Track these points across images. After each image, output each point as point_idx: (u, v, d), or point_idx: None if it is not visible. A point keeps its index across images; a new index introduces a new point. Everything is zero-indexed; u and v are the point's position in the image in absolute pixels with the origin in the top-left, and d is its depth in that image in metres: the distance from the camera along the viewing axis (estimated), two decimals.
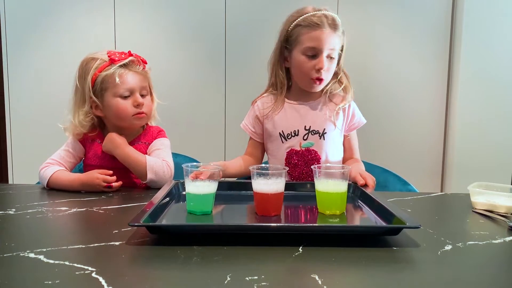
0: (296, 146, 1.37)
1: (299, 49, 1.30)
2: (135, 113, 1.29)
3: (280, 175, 0.93)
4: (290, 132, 1.37)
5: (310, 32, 1.28)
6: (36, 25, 2.75)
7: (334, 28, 1.28)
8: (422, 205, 1.10)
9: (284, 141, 1.38)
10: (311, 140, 1.37)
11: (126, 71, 1.27)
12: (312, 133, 1.37)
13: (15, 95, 2.79)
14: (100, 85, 1.26)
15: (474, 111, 2.68)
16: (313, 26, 1.27)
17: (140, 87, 1.29)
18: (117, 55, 1.27)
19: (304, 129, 1.37)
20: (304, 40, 1.29)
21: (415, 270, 0.69)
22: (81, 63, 1.30)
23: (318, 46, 1.27)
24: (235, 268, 0.67)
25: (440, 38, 2.70)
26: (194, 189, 0.93)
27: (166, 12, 2.73)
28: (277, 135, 1.39)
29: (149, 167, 1.23)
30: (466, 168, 2.71)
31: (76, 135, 1.33)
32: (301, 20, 1.29)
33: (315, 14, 1.29)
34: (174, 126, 2.59)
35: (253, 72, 2.75)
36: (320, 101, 1.40)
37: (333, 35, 1.28)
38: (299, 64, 1.32)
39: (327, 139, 1.37)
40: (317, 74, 1.30)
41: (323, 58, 1.28)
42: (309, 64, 1.30)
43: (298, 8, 1.34)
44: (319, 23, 1.27)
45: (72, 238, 0.82)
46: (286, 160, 1.38)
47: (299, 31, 1.30)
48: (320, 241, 0.78)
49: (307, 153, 1.36)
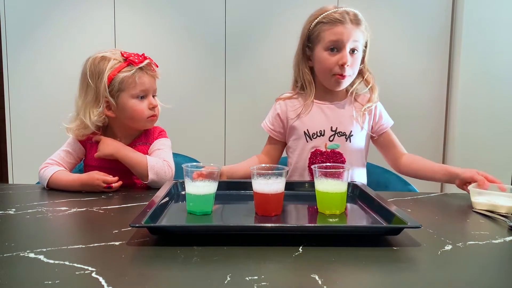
0: (321, 147, 1.35)
1: (321, 46, 1.30)
2: (150, 116, 1.30)
3: (280, 175, 0.93)
4: (315, 131, 1.35)
5: (332, 28, 1.27)
6: (36, 25, 2.75)
7: (357, 23, 1.28)
8: (422, 205, 1.10)
9: (309, 140, 1.35)
10: (337, 141, 1.35)
11: (143, 74, 1.27)
12: (339, 135, 1.34)
13: (15, 95, 2.79)
14: (118, 86, 1.25)
15: (474, 111, 2.68)
16: (334, 22, 1.27)
17: (153, 90, 1.31)
18: (134, 57, 1.26)
19: (330, 130, 1.35)
20: (326, 36, 1.28)
21: (415, 270, 0.68)
22: (91, 61, 1.27)
23: (341, 40, 1.26)
24: (235, 268, 0.67)
25: (440, 38, 2.70)
26: (194, 189, 0.93)
27: (166, 12, 2.73)
28: (302, 134, 1.36)
29: (150, 167, 1.23)
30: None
31: (81, 136, 1.32)
32: (322, 18, 1.29)
33: (337, 11, 1.29)
34: (174, 126, 2.58)
35: (253, 72, 2.75)
36: (346, 102, 1.38)
37: (356, 30, 1.27)
38: (322, 60, 1.30)
39: (353, 142, 1.35)
40: (341, 70, 1.28)
41: (346, 53, 1.27)
42: (332, 60, 1.28)
43: (320, 7, 1.33)
44: (341, 18, 1.27)
45: (72, 238, 0.82)
46: (310, 160, 1.35)
47: (320, 28, 1.29)
48: (320, 241, 0.78)
49: (333, 154, 1.34)
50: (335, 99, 1.38)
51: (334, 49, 1.28)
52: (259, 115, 2.84)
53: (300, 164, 1.37)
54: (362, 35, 1.30)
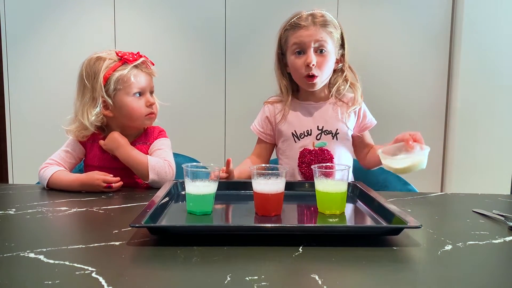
0: (309, 146, 1.38)
1: (289, 51, 1.34)
2: (148, 113, 1.30)
3: (280, 175, 0.93)
4: (303, 131, 1.39)
5: (295, 32, 1.32)
6: (36, 25, 2.75)
7: (322, 24, 1.30)
8: (422, 205, 1.10)
9: (297, 140, 1.39)
10: (324, 140, 1.38)
11: (139, 71, 1.28)
12: (325, 133, 1.38)
13: (15, 95, 2.79)
14: (114, 85, 1.25)
15: (474, 111, 2.68)
16: (296, 26, 1.31)
17: (150, 87, 1.31)
18: (129, 55, 1.27)
19: (317, 129, 1.38)
20: (291, 40, 1.33)
21: (415, 270, 0.69)
22: (86, 62, 1.28)
23: (303, 41, 1.30)
24: (235, 268, 0.67)
25: (440, 38, 2.70)
26: (194, 189, 0.93)
27: (166, 12, 2.74)
28: (290, 135, 1.40)
29: (151, 167, 1.23)
30: (466, 168, 2.71)
31: (82, 137, 1.32)
32: (288, 24, 1.34)
33: (302, 16, 1.33)
34: (174, 126, 2.59)
35: (253, 72, 2.75)
36: (330, 102, 1.41)
37: (320, 31, 1.30)
38: (291, 64, 1.35)
39: (339, 139, 1.38)
40: (307, 70, 1.31)
41: (310, 53, 1.30)
42: (299, 62, 1.32)
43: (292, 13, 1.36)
44: (301, 22, 1.31)
45: (72, 238, 0.82)
46: (299, 159, 1.39)
47: (287, 34, 1.35)
48: (320, 241, 0.78)
49: (321, 152, 1.37)
50: (319, 99, 1.42)
51: (300, 52, 1.32)
52: None
53: (290, 165, 1.40)
54: (329, 34, 1.31)
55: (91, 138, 1.34)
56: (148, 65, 1.31)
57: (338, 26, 1.35)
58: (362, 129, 1.43)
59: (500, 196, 1.23)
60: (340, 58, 1.38)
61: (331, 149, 1.38)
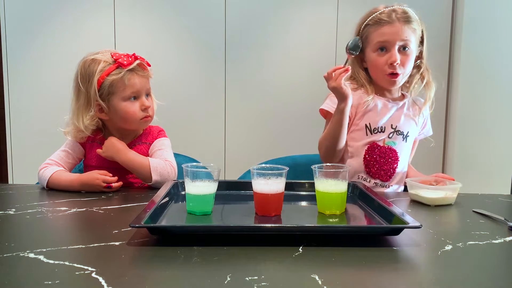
0: (379, 142, 1.35)
1: (370, 47, 1.31)
2: (143, 117, 1.29)
3: (280, 175, 0.93)
4: (377, 127, 1.34)
5: (379, 29, 1.28)
6: (36, 25, 2.75)
7: (405, 21, 1.28)
8: (422, 205, 1.10)
9: (369, 134, 1.34)
10: (395, 140, 1.35)
11: (133, 75, 1.26)
12: (397, 133, 1.35)
13: (15, 95, 2.79)
14: (107, 89, 1.24)
15: (474, 111, 2.68)
16: (380, 23, 1.28)
17: (145, 90, 1.30)
18: (124, 58, 1.25)
19: (391, 127, 1.35)
20: (374, 38, 1.29)
21: (415, 270, 0.69)
22: (81, 64, 1.27)
23: (387, 40, 1.27)
24: (235, 268, 0.67)
25: (440, 38, 2.70)
26: (194, 190, 0.93)
27: (166, 12, 2.73)
28: (363, 126, 1.35)
29: (153, 168, 1.23)
30: (466, 168, 2.71)
31: (79, 138, 1.32)
32: (370, 20, 1.30)
33: (383, 11, 1.29)
34: (174, 126, 2.59)
35: (253, 71, 2.75)
36: (407, 102, 1.39)
37: (404, 28, 1.27)
38: (372, 62, 1.31)
39: (408, 142, 1.37)
40: (391, 68, 1.28)
41: (395, 52, 1.27)
42: (381, 60, 1.29)
43: (370, 9, 1.34)
44: (386, 18, 1.27)
45: (72, 238, 0.82)
46: (366, 153, 1.34)
47: (368, 31, 1.31)
48: (320, 241, 0.78)
49: (389, 151, 1.34)
50: (395, 98, 1.39)
51: (383, 49, 1.29)
52: (260, 115, 2.86)
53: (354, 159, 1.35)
54: (413, 32, 1.29)
55: (91, 138, 1.34)
56: (144, 67, 1.29)
57: (419, 22, 1.32)
58: (419, 136, 1.41)
59: (500, 196, 1.23)
60: (418, 55, 1.35)
61: (399, 151, 1.35)
